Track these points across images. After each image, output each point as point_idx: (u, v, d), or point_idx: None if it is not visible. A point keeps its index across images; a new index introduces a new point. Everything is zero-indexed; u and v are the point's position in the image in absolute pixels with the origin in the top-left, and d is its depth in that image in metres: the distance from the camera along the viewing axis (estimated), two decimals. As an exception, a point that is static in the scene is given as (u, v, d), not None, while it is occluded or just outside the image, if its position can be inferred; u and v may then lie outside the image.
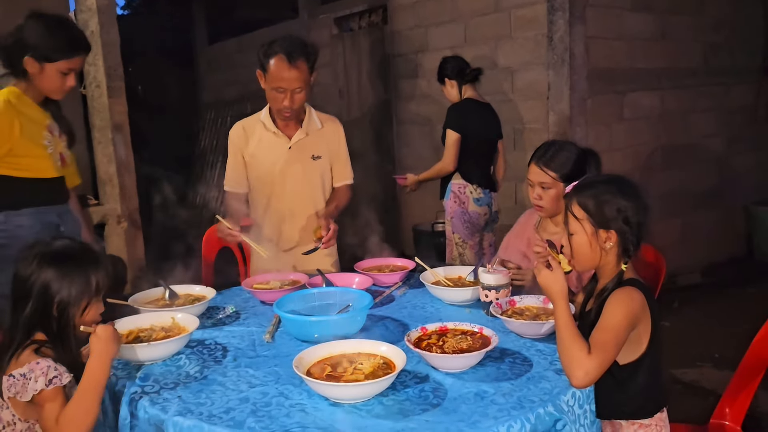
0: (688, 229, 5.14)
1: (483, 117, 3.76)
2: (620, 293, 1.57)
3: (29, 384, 1.46)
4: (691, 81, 4.97)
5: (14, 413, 1.54)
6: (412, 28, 5.42)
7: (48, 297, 1.53)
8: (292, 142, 2.47)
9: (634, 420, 1.62)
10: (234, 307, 2.09)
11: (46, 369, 1.47)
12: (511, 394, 1.41)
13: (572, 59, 4.17)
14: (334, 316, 1.81)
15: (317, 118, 2.54)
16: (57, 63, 2.11)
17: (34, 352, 1.52)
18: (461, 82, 3.78)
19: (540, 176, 2.14)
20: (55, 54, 2.11)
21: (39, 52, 2.09)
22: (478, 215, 3.77)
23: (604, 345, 1.47)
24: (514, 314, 1.82)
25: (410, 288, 2.28)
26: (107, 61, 3.85)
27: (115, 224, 3.94)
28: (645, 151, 4.80)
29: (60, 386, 1.48)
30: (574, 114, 4.24)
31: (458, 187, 3.76)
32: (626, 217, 1.61)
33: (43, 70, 2.12)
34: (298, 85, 2.31)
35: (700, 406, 3.07)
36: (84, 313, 1.58)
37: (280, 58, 2.27)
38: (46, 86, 2.16)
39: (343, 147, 2.61)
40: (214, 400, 1.43)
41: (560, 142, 2.21)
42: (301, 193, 2.52)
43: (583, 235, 1.64)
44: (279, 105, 2.35)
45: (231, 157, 2.54)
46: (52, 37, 2.11)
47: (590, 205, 1.63)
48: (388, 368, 1.47)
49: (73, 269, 1.56)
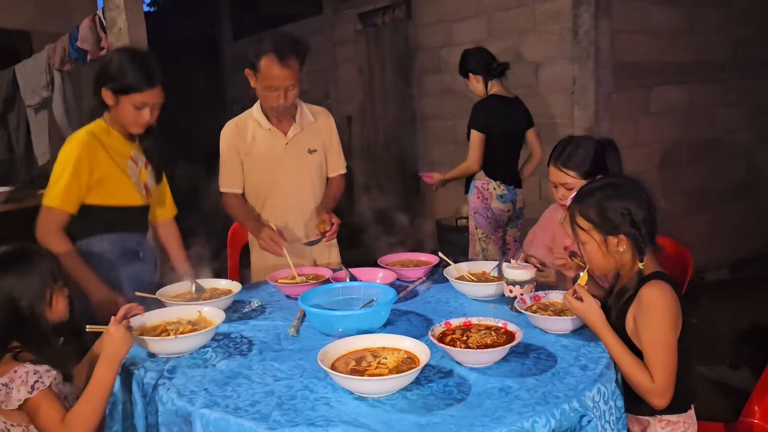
0: (715, 225, 5.06)
1: (509, 113, 3.67)
2: (652, 293, 1.56)
3: (12, 393, 1.47)
4: (719, 75, 4.88)
5: (5, 420, 1.54)
6: (436, 23, 5.40)
7: (12, 303, 1.54)
8: (288, 138, 2.49)
9: (662, 416, 1.61)
10: (259, 301, 2.12)
11: (25, 375, 1.48)
12: (536, 390, 1.41)
13: (598, 53, 4.12)
14: (358, 310, 1.82)
15: (308, 111, 2.56)
16: (130, 96, 2.09)
17: (13, 359, 1.52)
18: (487, 77, 3.69)
19: (561, 177, 2.12)
20: (127, 87, 2.08)
21: (114, 84, 2.09)
22: (501, 212, 3.73)
23: (660, 360, 1.51)
24: (539, 309, 1.81)
25: (434, 283, 2.28)
26: (134, 58, 3.89)
27: (142, 219, 3.99)
28: (671, 146, 4.73)
29: (44, 389, 1.48)
30: (599, 109, 4.20)
31: (482, 184, 3.72)
32: (631, 218, 1.60)
33: (118, 102, 2.11)
34: (290, 82, 2.33)
35: (728, 404, 3.03)
36: (52, 305, 1.61)
37: (271, 57, 2.28)
38: (122, 119, 2.15)
39: (335, 138, 2.65)
40: (240, 393, 1.45)
41: (576, 139, 2.17)
42: (300, 188, 2.54)
43: (594, 244, 1.65)
44: (272, 103, 2.38)
45: (226, 156, 2.54)
46: (126, 70, 2.09)
47: (593, 215, 1.64)
48: (413, 363, 1.48)
49: (23, 268, 1.58)
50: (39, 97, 4.98)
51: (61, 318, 1.66)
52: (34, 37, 5.96)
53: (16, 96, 5.23)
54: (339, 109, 6.59)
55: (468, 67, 3.74)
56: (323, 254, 2.63)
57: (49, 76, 4.82)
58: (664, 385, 1.50)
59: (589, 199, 1.66)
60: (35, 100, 5.03)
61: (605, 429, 1.42)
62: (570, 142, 2.16)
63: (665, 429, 1.62)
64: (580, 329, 1.72)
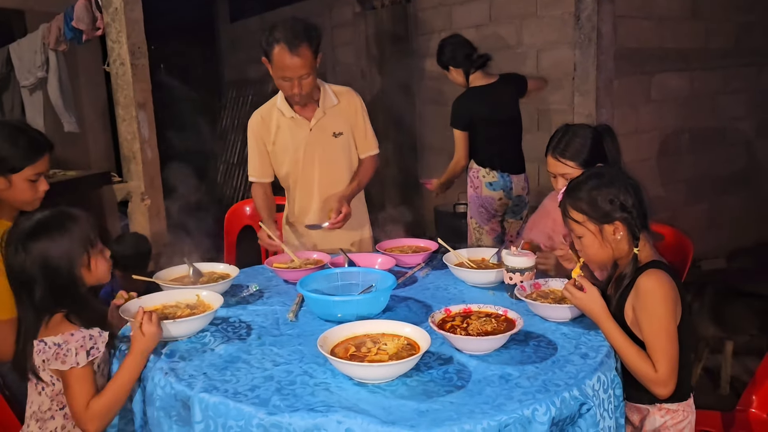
0: (714, 214, 5.06)
1: (491, 102, 3.54)
2: (649, 282, 1.56)
3: (67, 356, 1.49)
4: (722, 62, 4.85)
5: (52, 375, 1.57)
6: (436, 6, 5.35)
7: (51, 270, 1.55)
8: (312, 124, 2.45)
9: (661, 405, 1.61)
10: (257, 286, 2.10)
11: (82, 340, 1.51)
12: (536, 378, 1.41)
13: (599, 39, 4.08)
14: (357, 296, 1.81)
15: (332, 93, 2.49)
16: (23, 171, 1.93)
17: (65, 319, 1.55)
18: (468, 70, 3.57)
19: (559, 167, 2.10)
20: (19, 162, 1.92)
21: (2, 165, 1.91)
22: (492, 200, 3.62)
23: (662, 350, 1.51)
24: (539, 297, 1.81)
25: (433, 269, 2.27)
26: (131, 38, 3.85)
27: (139, 201, 3.97)
28: (672, 134, 4.71)
29: (93, 360, 1.52)
30: (600, 95, 4.17)
31: (472, 172, 3.65)
32: (621, 203, 1.61)
33: (12, 183, 1.93)
34: (303, 72, 2.26)
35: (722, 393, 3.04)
36: (91, 267, 1.62)
37: (282, 47, 2.21)
38: (18, 199, 1.97)
39: (362, 117, 2.55)
40: (239, 377, 1.44)
41: (572, 127, 2.14)
42: (328, 173, 2.51)
43: (590, 235, 1.65)
44: (288, 92, 2.34)
45: (252, 147, 2.53)
46: (12, 145, 1.92)
47: (584, 206, 1.64)
48: (413, 349, 1.47)
49: (56, 232, 1.58)
50: (34, 78, 4.92)
51: (101, 280, 1.68)
52: (28, 17, 5.88)
53: (10, 76, 5.17)
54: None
55: (445, 60, 3.61)
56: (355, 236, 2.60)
57: (44, 56, 4.75)
58: (667, 374, 1.50)
59: (578, 192, 1.67)
60: (30, 80, 4.96)
61: (604, 417, 1.42)
62: (566, 131, 2.12)
63: (665, 417, 1.62)
64: (580, 317, 1.71)
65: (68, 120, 4.97)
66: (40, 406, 1.61)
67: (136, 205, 3.99)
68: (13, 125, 2.04)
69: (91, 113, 6.35)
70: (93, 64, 6.12)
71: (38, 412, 1.61)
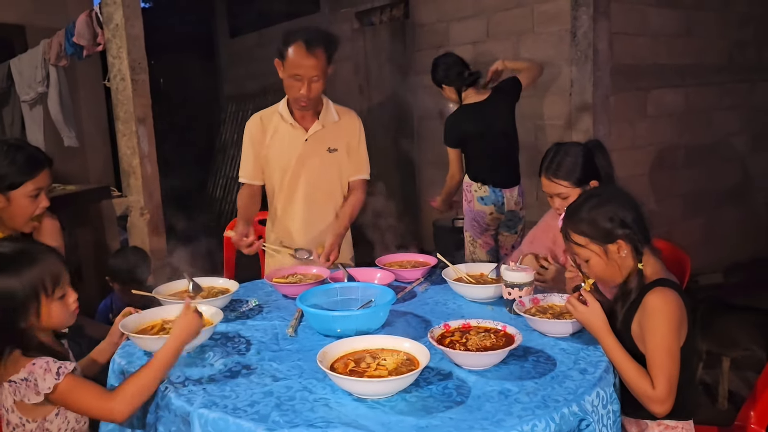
0: (710, 229, 5.08)
1: (482, 118, 3.58)
2: (656, 300, 1.57)
3: (37, 385, 1.44)
4: (716, 78, 4.90)
5: (21, 416, 1.52)
6: (434, 22, 5.40)
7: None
8: (308, 134, 2.47)
9: (661, 421, 1.61)
10: (257, 301, 2.11)
11: (46, 365, 1.45)
12: (536, 393, 1.41)
13: (596, 55, 4.12)
14: (356, 311, 1.82)
15: (335, 110, 2.53)
16: (23, 187, 1.94)
17: (23, 354, 1.48)
18: (460, 87, 3.62)
19: (553, 188, 2.12)
20: (18, 178, 1.93)
21: (1, 182, 1.92)
22: (483, 214, 3.67)
23: (661, 368, 1.51)
24: (538, 312, 1.81)
25: (432, 284, 2.28)
26: (131, 54, 3.87)
27: (138, 216, 3.98)
28: (668, 149, 4.74)
29: (69, 372, 1.46)
30: (596, 111, 4.20)
31: (466, 186, 3.71)
32: (621, 220, 1.62)
33: (10, 200, 1.94)
34: (315, 73, 2.30)
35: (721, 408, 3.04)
36: (42, 315, 1.52)
37: (299, 45, 2.26)
38: (18, 217, 1.96)
39: (361, 141, 2.58)
40: (239, 393, 1.44)
41: (563, 147, 2.15)
42: (318, 186, 2.51)
43: (595, 257, 1.66)
44: (296, 94, 2.35)
45: (247, 148, 2.53)
46: (9, 163, 1.93)
47: (585, 228, 1.65)
48: (412, 365, 1.47)
49: (7, 281, 1.48)
50: (34, 93, 4.94)
51: (60, 326, 1.60)
52: (29, 32, 5.91)
53: (11, 91, 5.19)
54: (336, 107, 6.58)
55: (438, 78, 3.67)
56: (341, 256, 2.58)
57: (45, 71, 4.78)
58: (665, 393, 1.50)
59: (577, 215, 1.68)
60: (30, 95, 4.98)
61: (603, 432, 1.42)
62: (557, 151, 2.13)
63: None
64: (579, 332, 1.72)
65: (68, 135, 4.98)
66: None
67: (136, 219, 3.99)
68: (10, 143, 2.03)
69: (91, 128, 6.37)
70: (93, 79, 6.15)
71: None
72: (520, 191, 3.74)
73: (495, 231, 3.76)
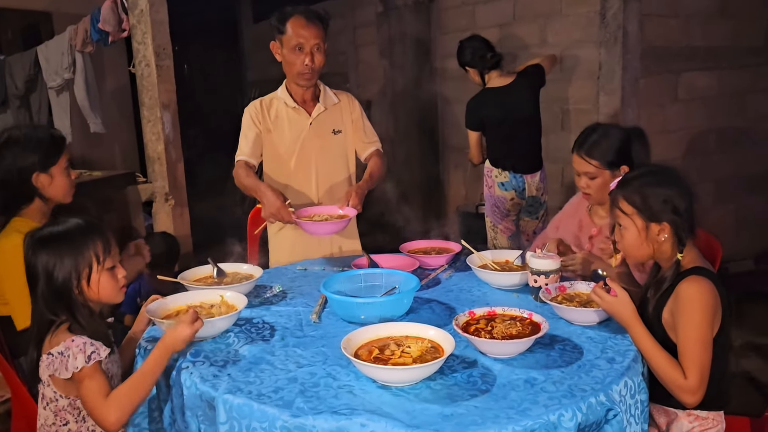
0: (741, 215, 4.96)
1: (504, 103, 3.58)
2: (690, 289, 1.54)
3: (68, 362, 1.50)
4: (751, 60, 4.74)
5: (55, 390, 1.60)
6: (459, 5, 5.32)
7: (49, 277, 1.58)
8: (312, 118, 2.46)
9: (691, 411, 1.58)
10: (281, 287, 2.11)
11: (83, 345, 1.52)
12: (562, 382, 1.39)
13: (625, 37, 4.02)
14: (380, 297, 1.81)
15: (332, 93, 2.54)
16: (59, 163, 2.08)
17: (68, 330, 1.56)
18: (483, 70, 3.64)
19: (583, 166, 2.09)
20: (55, 153, 2.08)
21: (40, 162, 2.04)
22: (504, 199, 3.68)
23: (694, 358, 1.48)
24: (564, 300, 1.78)
25: (456, 271, 2.25)
26: (156, 40, 3.89)
27: (163, 202, 4.01)
28: (699, 134, 4.63)
29: (98, 361, 1.52)
30: (625, 95, 4.11)
31: (487, 171, 3.75)
32: (674, 206, 1.59)
33: (53, 176, 2.08)
34: (316, 41, 2.31)
35: (754, 398, 2.98)
36: (91, 283, 1.62)
37: (297, 17, 2.30)
38: (59, 191, 2.11)
39: (363, 115, 2.59)
40: (263, 379, 1.44)
41: (603, 127, 2.14)
42: (324, 169, 2.50)
43: (634, 230, 1.62)
44: (299, 67, 2.34)
45: (246, 130, 2.47)
46: (39, 142, 2.06)
47: (637, 200, 1.62)
48: (437, 352, 1.46)
49: (64, 246, 1.60)
50: (61, 79, 5.00)
51: (107, 298, 1.67)
52: (55, 18, 5.97)
53: (38, 77, 5.26)
54: (359, 92, 6.54)
55: (463, 60, 3.70)
56: (346, 243, 2.59)
57: (71, 58, 4.83)
58: (697, 383, 1.47)
59: (633, 185, 1.65)
60: (57, 81, 5.05)
61: (630, 423, 1.40)
62: (595, 130, 2.11)
63: (693, 423, 1.59)
64: (606, 321, 1.69)
65: (94, 121, 5.04)
66: (45, 420, 1.63)
67: (161, 205, 4.03)
68: (31, 127, 2.21)
69: (117, 114, 6.43)
70: (118, 65, 6.20)
71: (45, 425, 1.63)
72: (542, 177, 3.71)
73: (516, 216, 3.77)
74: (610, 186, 1.74)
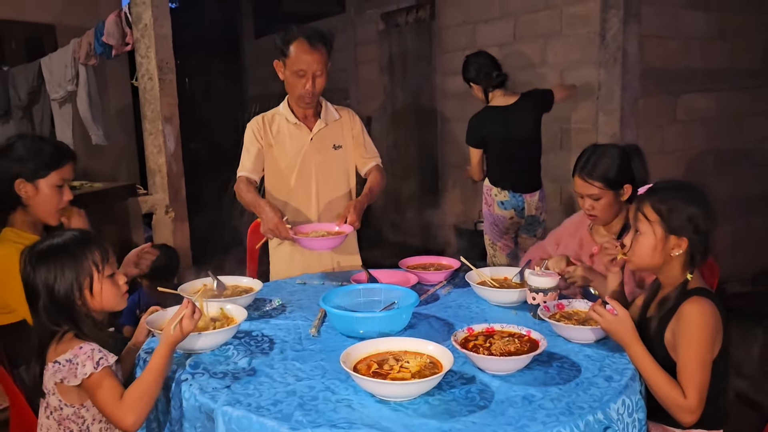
0: (739, 236, 4.98)
1: (506, 122, 3.59)
2: (692, 309, 1.54)
3: (77, 369, 1.50)
4: (749, 82, 4.79)
5: (60, 399, 1.59)
6: (460, 24, 5.38)
7: (50, 291, 1.59)
8: (313, 133, 2.48)
9: (690, 430, 1.58)
10: (280, 300, 2.11)
11: (91, 352, 1.52)
12: (560, 400, 1.39)
13: (625, 58, 4.07)
14: (380, 312, 1.81)
15: (333, 109, 2.56)
16: (49, 176, 2.01)
17: (75, 337, 1.57)
18: (487, 87, 3.66)
19: (586, 188, 2.09)
20: (44, 166, 2.01)
21: (28, 171, 1.99)
22: (504, 218, 3.70)
23: (693, 378, 1.49)
24: (562, 318, 1.79)
25: (455, 287, 2.26)
26: (159, 54, 3.93)
27: (163, 214, 4.02)
28: (698, 155, 4.66)
29: (108, 366, 1.52)
30: (624, 115, 4.14)
31: (486, 190, 3.76)
32: (697, 225, 1.60)
33: (38, 189, 2.01)
34: (319, 68, 2.33)
35: (750, 419, 2.98)
36: (94, 291, 1.62)
37: (301, 41, 2.30)
38: (43, 207, 2.03)
39: (363, 130, 2.62)
40: (262, 391, 1.45)
41: (601, 148, 2.14)
42: (324, 184, 2.52)
43: (651, 238, 1.62)
44: (300, 90, 2.36)
45: (248, 145, 2.49)
46: (36, 153, 2.01)
47: (664, 210, 1.62)
48: (435, 368, 1.46)
49: (63, 258, 1.60)
50: (64, 91, 5.03)
51: (110, 305, 1.68)
52: (59, 31, 6.02)
53: (41, 89, 5.29)
54: (359, 109, 6.58)
55: (468, 76, 3.71)
56: (346, 258, 2.60)
57: (74, 70, 4.87)
58: (696, 403, 1.47)
59: (664, 194, 1.65)
60: (60, 93, 5.08)
61: (628, 441, 1.40)
62: (594, 151, 2.12)
63: (692, 442, 1.59)
64: (604, 339, 1.69)
65: (96, 133, 5.07)
66: (48, 429, 1.62)
67: (161, 217, 4.04)
68: (36, 136, 2.17)
69: (118, 126, 6.46)
70: (121, 78, 6.24)
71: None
72: (541, 196, 3.73)
73: (515, 234, 3.77)
74: (639, 191, 1.74)
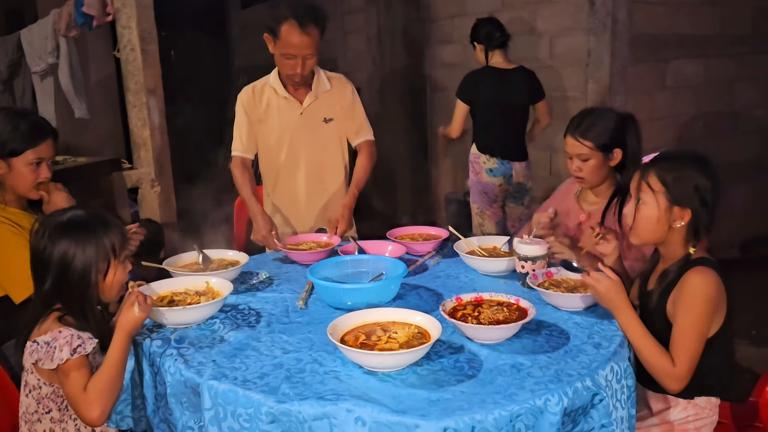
0: (728, 202, 4.97)
1: (501, 85, 3.63)
2: (695, 279, 1.53)
3: (54, 353, 1.48)
4: (739, 48, 4.76)
5: (39, 378, 1.58)
6: (449, -9, 5.29)
7: (66, 267, 1.54)
8: (303, 107, 2.44)
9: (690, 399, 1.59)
10: (267, 273, 2.09)
11: (70, 338, 1.49)
12: (548, 367, 1.39)
13: (614, 25, 4.02)
14: (367, 283, 1.80)
15: (326, 78, 2.49)
16: (24, 155, 1.96)
17: (57, 320, 1.54)
18: (488, 47, 3.69)
19: (577, 148, 2.08)
20: (19, 145, 1.95)
21: (2, 148, 1.94)
22: (492, 186, 3.72)
23: (687, 347, 1.48)
24: (551, 286, 1.78)
25: (444, 257, 2.25)
26: (141, 23, 3.83)
27: (149, 188, 3.97)
28: (686, 121, 4.65)
29: (84, 355, 1.50)
30: (614, 82, 4.11)
31: (474, 158, 3.78)
32: (703, 196, 1.56)
33: (11, 167, 1.96)
34: (309, 51, 2.28)
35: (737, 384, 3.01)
36: (107, 277, 1.59)
37: (292, 23, 2.22)
38: (18, 185, 1.99)
39: (356, 104, 2.54)
40: (249, 365, 1.43)
41: (598, 110, 2.14)
42: (316, 159, 2.49)
43: (654, 209, 1.60)
44: (289, 71, 2.32)
45: (240, 121, 2.47)
46: (13, 128, 1.94)
47: (669, 179, 1.58)
48: (423, 338, 1.46)
49: (86, 236, 1.56)
50: (45, 64, 4.92)
51: (112, 296, 1.65)
52: (39, 2, 5.86)
53: (21, 62, 5.18)
54: (347, 79, 6.51)
55: (473, 36, 3.76)
56: None
57: (55, 42, 4.75)
58: (685, 371, 1.48)
59: (670, 163, 1.61)
60: (41, 66, 4.97)
61: (616, 408, 1.40)
62: (591, 113, 2.12)
63: (688, 411, 1.61)
64: (593, 306, 1.69)
65: (78, 106, 4.97)
66: (27, 407, 1.60)
67: (146, 191, 3.99)
68: (15, 110, 2.06)
69: (102, 99, 6.34)
70: (103, 50, 6.10)
71: (26, 413, 1.60)
72: (528, 164, 3.79)
73: (503, 202, 3.79)
74: (643, 160, 1.71)
